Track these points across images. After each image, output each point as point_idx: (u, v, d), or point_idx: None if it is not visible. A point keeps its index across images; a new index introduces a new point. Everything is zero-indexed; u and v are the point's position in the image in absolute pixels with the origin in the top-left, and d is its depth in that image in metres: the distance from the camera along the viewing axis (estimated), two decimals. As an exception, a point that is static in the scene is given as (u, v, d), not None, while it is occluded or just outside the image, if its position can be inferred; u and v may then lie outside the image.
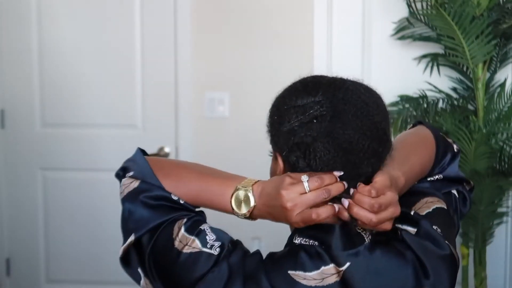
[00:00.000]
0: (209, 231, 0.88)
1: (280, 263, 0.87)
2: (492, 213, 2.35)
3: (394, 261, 0.87)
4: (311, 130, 0.83)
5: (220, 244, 0.86)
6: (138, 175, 0.96)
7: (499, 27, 2.27)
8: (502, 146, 2.30)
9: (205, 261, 0.85)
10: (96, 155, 2.87)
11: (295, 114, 0.85)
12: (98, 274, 2.91)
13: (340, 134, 0.83)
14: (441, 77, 2.56)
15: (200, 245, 0.86)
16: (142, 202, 0.92)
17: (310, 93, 0.86)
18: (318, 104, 0.84)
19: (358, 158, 0.84)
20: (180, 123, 2.81)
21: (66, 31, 2.83)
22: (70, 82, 2.85)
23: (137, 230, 0.91)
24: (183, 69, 2.78)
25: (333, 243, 0.87)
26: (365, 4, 2.64)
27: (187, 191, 0.94)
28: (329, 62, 2.67)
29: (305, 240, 0.88)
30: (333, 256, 0.86)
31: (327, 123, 0.83)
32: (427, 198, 0.97)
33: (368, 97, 0.87)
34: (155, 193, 0.92)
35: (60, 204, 2.91)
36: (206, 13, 2.77)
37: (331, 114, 0.84)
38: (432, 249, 0.89)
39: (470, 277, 2.43)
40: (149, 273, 0.90)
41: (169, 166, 0.99)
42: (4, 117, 2.91)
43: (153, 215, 0.91)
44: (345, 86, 0.87)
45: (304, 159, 0.85)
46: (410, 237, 0.89)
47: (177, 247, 0.87)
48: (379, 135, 0.85)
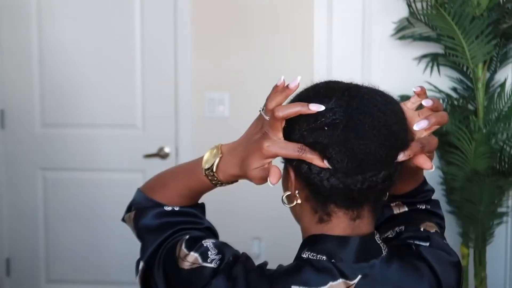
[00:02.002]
0: (211, 246, 0.87)
1: (284, 277, 0.83)
2: (492, 213, 2.35)
3: (411, 275, 0.86)
4: (321, 137, 0.80)
5: (220, 258, 0.85)
6: (133, 206, 1.00)
7: (499, 27, 2.27)
8: (502, 146, 2.30)
9: (205, 275, 0.84)
10: (96, 155, 2.87)
11: (306, 122, 0.81)
12: (98, 274, 2.91)
13: (355, 145, 0.79)
14: (441, 77, 2.56)
15: (200, 260, 0.86)
16: (144, 228, 0.96)
17: (323, 100, 0.82)
18: (330, 112, 0.81)
19: (374, 167, 0.81)
20: (180, 123, 2.81)
21: (66, 31, 2.83)
22: (70, 82, 2.85)
23: (143, 256, 0.94)
24: (183, 69, 2.78)
25: (344, 256, 0.83)
26: (365, 4, 2.64)
27: (171, 190, 0.96)
28: (329, 62, 2.67)
29: (312, 255, 0.85)
30: (342, 270, 0.82)
31: (340, 132, 0.80)
32: (427, 223, 0.97)
33: (385, 105, 0.84)
34: (150, 213, 0.96)
35: (60, 204, 2.91)
36: (206, 13, 2.77)
37: (345, 124, 0.80)
38: (445, 257, 0.90)
39: (470, 277, 2.43)
40: None
41: (154, 179, 1.01)
42: (4, 117, 2.91)
43: (154, 237, 0.94)
44: (360, 94, 0.84)
45: (316, 166, 0.81)
46: (425, 249, 0.89)
47: (179, 264, 0.87)
48: (397, 144, 0.82)
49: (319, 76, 3.01)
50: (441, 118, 0.86)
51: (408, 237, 0.92)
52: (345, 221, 0.85)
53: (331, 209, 0.85)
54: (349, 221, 0.85)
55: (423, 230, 0.93)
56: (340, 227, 0.85)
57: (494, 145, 2.31)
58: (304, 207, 0.87)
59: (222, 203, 2.73)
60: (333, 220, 0.85)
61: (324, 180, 0.81)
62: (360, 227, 0.86)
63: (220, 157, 0.89)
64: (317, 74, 2.61)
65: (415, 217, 0.99)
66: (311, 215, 0.87)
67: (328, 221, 0.85)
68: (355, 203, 0.84)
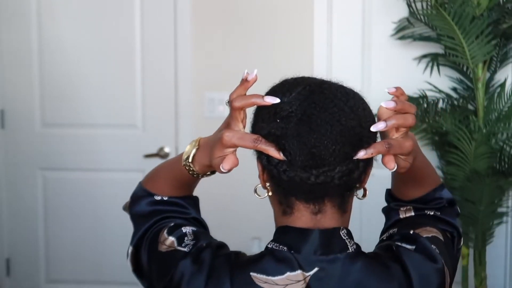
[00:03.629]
0: (189, 233, 0.92)
1: (245, 264, 0.85)
2: (492, 213, 2.35)
3: (377, 275, 0.85)
4: (275, 128, 0.82)
5: (194, 243, 0.89)
6: (131, 196, 1.05)
7: (499, 27, 2.27)
8: (502, 146, 2.30)
9: (177, 258, 0.87)
10: (96, 155, 2.87)
11: (267, 114, 0.84)
12: (98, 274, 2.91)
13: (307, 138, 0.81)
14: (441, 77, 2.56)
15: (176, 244, 0.90)
16: (134, 215, 1.01)
17: (284, 94, 0.85)
18: (287, 105, 0.83)
19: (328, 162, 0.82)
20: (180, 123, 2.81)
21: (66, 32, 2.83)
22: (70, 82, 2.85)
23: (132, 241, 0.99)
24: (183, 69, 2.78)
25: (303, 248, 0.85)
26: (365, 4, 2.64)
27: (162, 180, 1.01)
28: (329, 62, 2.67)
29: (276, 245, 0.87)
30: (299, 262, 0.84)
31: (293, 124, 0.82)
32: (427, 227, 0.95)
33: (345, 102, 0.84)
34: (142, 202, 1.01)
35: (60, 204, 2.91)
36: (206, 13, 2.77)
37: (299, 117, 0.82)
38: (426, 262, 0.87)
39: (470, 277, 2.43)
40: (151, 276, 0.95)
41: (151, 172, 1.07)
42: (4, 117, 2.91)
43: (141, 223, 0.98)
44: (320, 89, 0.85)
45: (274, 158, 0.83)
46: (405, 252, 0.87)
47: (158, 247, 0.92)
48: (354, 141, 0.82)
49: (319, 76, 2.99)
50: (403, 121, 0.82)
51: (396, 239, 0.92)
52: (306, 215, 0.87)
53: (292, 202, 0.87)
54: (311, 215, 0.87)
55: (413, 233, 0.92)
56: (302, 220, 0.87)
57: (494, 145, 2.31)
58: (273, 199, 0.90)
59: (222, 203, 2.74)
60: (295, 213, 0.87)
61: (281, 172, 0.83)
62: (322, 222, 0.87)
63: (196, 148, 0.92)
64: (317, 74, 2.60)
65: (416, 221, 0.98)
66: (278, 207, 0.90)
67: (290, 214, 0.87)
68: (315, 197, 0.86)
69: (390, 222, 1.03)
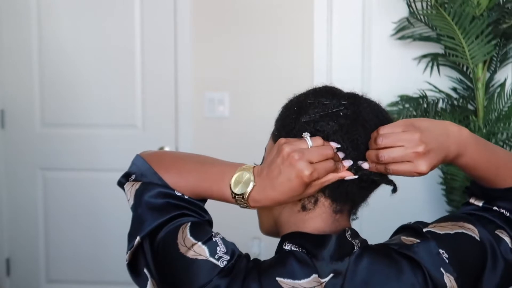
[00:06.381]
0: (220, 242, 0.86)
1: (270, 270, 0.83)
2: (492, 213, 2.35)
3: (383, 271, 0.84)
4: (332, 123, 0.84)
5: (228, 259, 0.84)
6: (138, 176, 0.95)
7: (499, 27, 2.27)
8: (502, 146, 2.30)
9: (209, 270, 0.83)
10: (96, 155, 2.87)
11: (318, 108, 0.86)
12: (98, 274, 2.91)
13: (360, 138, 0.85)
14: (441, 77, 2.56)
15: (208, 254, 0.84)
16: (146, 203, 0.90)
17: (335, 95, 0.87)
18: (342, 106, 0.86)
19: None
20: (180, 123, 2.81)
21: (66, 32, 2.83)
22: (70, 82, 2.85)
23: (141, 231, 0.89)
24: (183, 69, 2.78)
25: (321, 255, 0.84)
26: (365, 4, 2.64)
27: (187, 183, 0.92)
28: (329, 62, 2.67)
29: (295, 246, 0.86)
30: (317, 268, 0.83)
31: (349, 122, 0.84)
32: (461, 222, 0.91)
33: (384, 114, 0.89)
34: (157, 191, 0.91)
35: (60, 204, 2.91)
36: (206, 13, 2.77)
37: (354, 118, 0.85)
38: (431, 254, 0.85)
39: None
40: (154, 276, 0.88)
41: (169, 160, 0.96)
42: (4, 117, 2.91)
43: (156, 215, 0.89)
44: (365, 99, 0.90)
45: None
46: (423, 244, 0.86)
47: (181, 251, 0.85)
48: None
49: (319, 76, 2.99)
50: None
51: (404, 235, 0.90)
52: (327, 212, 0.88)
53: (319, 197, 0.88)
54: (332, 213, 0.88)
55: (427, 231, 0.89)
56: (322, 217, 0.88)
57: (494, 145, 2.31)
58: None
59: (222, 203, 2.73)
60: (317, 210, 0.88)
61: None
62: (339, 222, 0.89)
63: (253, 186, 0.85)
64: (317, 74, 2.61)
65: (456, 215, 0.96)
66: (293, 203, 0.89)
67: (311, 210, 0.88)
68: (342, 196, 0.87)
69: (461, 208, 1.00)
